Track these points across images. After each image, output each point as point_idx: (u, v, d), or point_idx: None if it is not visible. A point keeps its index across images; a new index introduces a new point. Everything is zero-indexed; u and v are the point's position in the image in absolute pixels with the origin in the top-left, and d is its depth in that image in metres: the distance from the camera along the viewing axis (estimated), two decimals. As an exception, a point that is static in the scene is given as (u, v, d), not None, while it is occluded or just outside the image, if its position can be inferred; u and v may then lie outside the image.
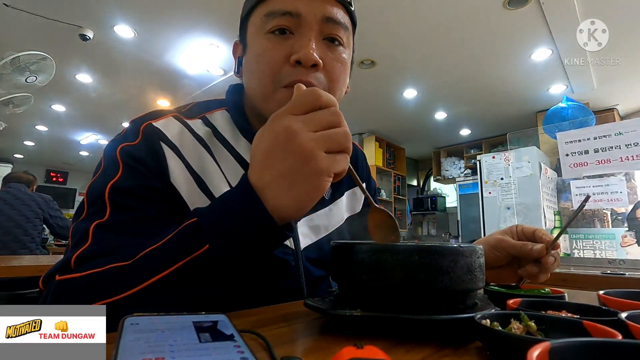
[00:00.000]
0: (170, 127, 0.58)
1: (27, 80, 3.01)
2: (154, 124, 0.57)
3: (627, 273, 1.52)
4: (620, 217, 2.12)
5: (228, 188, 0.58)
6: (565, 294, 0.55)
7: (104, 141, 6.24)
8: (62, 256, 0.49)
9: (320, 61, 0.55)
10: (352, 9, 0.60)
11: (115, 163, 0.52)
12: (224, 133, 0.63)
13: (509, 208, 3.18)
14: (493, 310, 0.39)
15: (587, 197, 0.60)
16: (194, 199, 0.55)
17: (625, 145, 1.92)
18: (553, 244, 0.59)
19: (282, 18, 0.55)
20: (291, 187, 0.39)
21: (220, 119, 0.64)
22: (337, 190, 0.73)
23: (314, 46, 0.54)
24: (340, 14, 0.57)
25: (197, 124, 0.62)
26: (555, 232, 2.40)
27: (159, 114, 0.60)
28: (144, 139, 0.55)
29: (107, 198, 0.49)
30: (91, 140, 6.16)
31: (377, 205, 0.47)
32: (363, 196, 0.79)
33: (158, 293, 0.40)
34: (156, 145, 0.55)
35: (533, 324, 0.34)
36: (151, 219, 0.50)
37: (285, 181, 0.39)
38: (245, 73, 0.62)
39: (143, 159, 0.53)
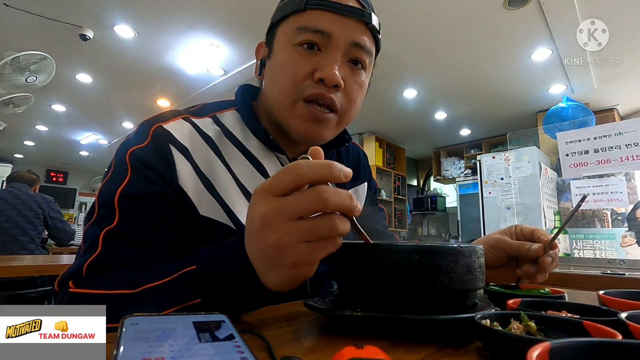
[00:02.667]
0: (179, 129, 0.59)
1: (27, 80, 3.01)
2: (164, 126, 0.58)
3: (627, 273, 1.52)
4: (620, 217, 2.12)
5: (236, 188, 0.60)
6: (565, 294, 0.55)
7: (104, 141, 6.24)
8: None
9: (342, 82, 0.57)
10: (380, 36, 0.63)
11: (124, 167, 0.54)
12: (234, 132, 0.64)
13: (509, 208, 3.18)
14: (493, 310, 0.39)
15: (584, 197, 0.60)
16: (201, 200, 0.56)
17: (625, 145, 1.91)
18: (550, 244, 0.59)
19: (313, 34, 0.56)
20: (271, 272, 0.38)
21: (231, 118, 0.66)
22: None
23: (338, 67, 0.56)
24: (368, 41, 0.59)
25: (206, 123, 0.63)
26: (555, 232, 2.39)
27: (169, 116, 0.60)
28: (153, 141, 0.56)
29: (117, 204, 0.51)
30: (91, 140, 6.16)
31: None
32: (364, 195, 0.81)
33: None
34: (165, 148, 0.56)
35: (533, 324, 0.34)
36: (157, 227, 0.53)
37: (265, 266, 0.39)
38: (268, 78, 0.63)
39: (151, 164, 0.54)
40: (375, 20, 0.60)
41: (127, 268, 0.49)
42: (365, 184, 0.82)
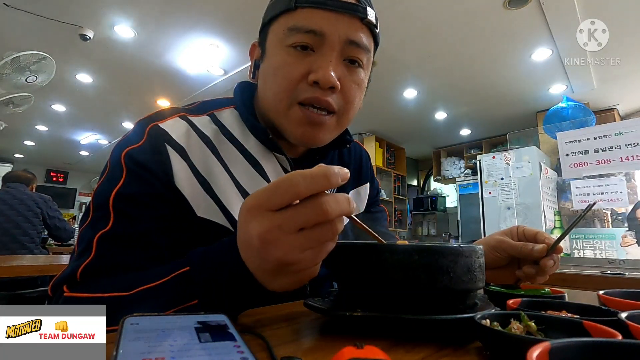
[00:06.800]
0: (176, 128, 0.57)
1: (27, 80, 3.01)
2: (160, 125, 0.56)
3: (627, 273, 1.52)
4: (620, 217, 2.12)
5: (235, 189, 0.58)
6: (565, 294, 0.55)
7: (104, 141, 6.24)
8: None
9: (338, 83, 0.55)
10: (377, 31, 0.60)
11: (119, 168, 0.52)
12: (232, 131, 0.62)
13: (509, 208, 3.18)
14: (493, 310, 0.39)
15: (594, 203, 0.59)
16: (199, 202, 0.55)
17: (625, 145, 1.91)
18: (555, 246, 0.59)
19: (305, 35, 0.54)
20: (276, 279, 0.38)
21: (229, 117, 0.64)
22: (342, 191, 0.73)
23: (333, 68, 0.54)
24: (364, 37, 0.57)
25: (204, 122, 0.61)
26: (555, 232, 2.40)
27: (166, 114, 0.59)
28: (148, 141, 0.54)
29: (111, 206, 0.50)
30: (91, 140, 6.16)
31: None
32: (367, 196, 0.80)
33: None
34: (161, 148, 0.54)
35: (533, 324, 0.34)
36: (152, 230, 0.51)
37: (270, 276, 0.38)
38: (261, 81, 0.61)
39: (147, 164, 0.52)
40: (371, 15, 0.56)
41: (122, 272, 0.48)
42: (367, 184, 0.80)
